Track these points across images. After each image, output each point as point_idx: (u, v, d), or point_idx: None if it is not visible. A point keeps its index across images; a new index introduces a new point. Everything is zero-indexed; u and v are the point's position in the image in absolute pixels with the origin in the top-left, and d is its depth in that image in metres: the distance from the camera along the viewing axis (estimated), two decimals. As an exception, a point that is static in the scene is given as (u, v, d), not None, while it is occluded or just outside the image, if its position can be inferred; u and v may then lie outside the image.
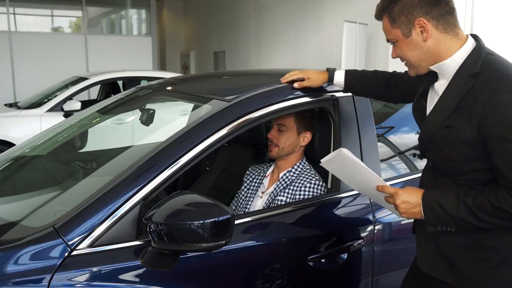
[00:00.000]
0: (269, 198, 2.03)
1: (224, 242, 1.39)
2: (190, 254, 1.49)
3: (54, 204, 1.79)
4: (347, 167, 1.54)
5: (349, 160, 1.49)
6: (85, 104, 6.25)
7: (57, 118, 5.64)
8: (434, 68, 1.42)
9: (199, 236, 1.36)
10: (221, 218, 1.37)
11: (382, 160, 2.07)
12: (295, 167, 2.07)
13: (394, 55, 1.46)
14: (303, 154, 2.11)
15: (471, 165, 1.37)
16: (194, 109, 2.32)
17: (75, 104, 6.17)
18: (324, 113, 2.00)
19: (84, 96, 7.95)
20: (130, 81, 6.73)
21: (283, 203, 1.95)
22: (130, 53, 11.62)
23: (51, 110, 6.09)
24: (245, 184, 2.20)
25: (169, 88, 2.53)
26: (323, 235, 1.79)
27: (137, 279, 1.44)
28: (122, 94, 2.65)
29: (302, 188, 1.97)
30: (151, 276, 1.46)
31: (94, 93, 8.13)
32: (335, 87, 1.89)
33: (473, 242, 1.40)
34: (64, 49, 10.98)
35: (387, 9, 1.40)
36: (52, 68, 10.30)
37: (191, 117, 2.20)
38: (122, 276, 1.42)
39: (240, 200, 2.17)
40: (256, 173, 2.21)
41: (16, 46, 10.53)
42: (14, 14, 10.89)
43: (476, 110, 1.29)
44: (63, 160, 2.49)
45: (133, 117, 3.17)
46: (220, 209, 1.40)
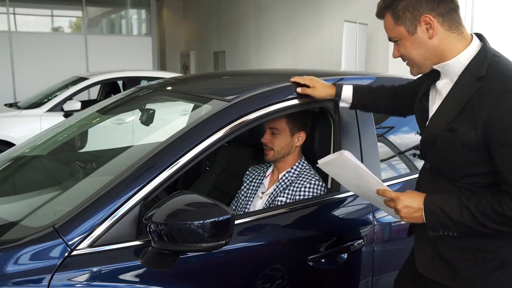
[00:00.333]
0: (268, 199, 2.03)
1: (224, 242, 1.39)
2: (190, 254, 1.49)
3: (54, 204, 1.79)
4: (347, 170, 1.52)
5: (350, 163, 1.46)
6: (85, 104, 6.24)
7: (57, 118, 5.64)
8: (438, 67, 1.39)
9: (199, 236, 1.36)
10: (221, 218, 1.37)
11: (382, 160, 2.06)
12: (294, 167, 2.07)
13: (396, 55, 1.43)
14: (301, 154, 2.11)
15: (473, 169, 1.35)
16: (194, 109, 2.32)
17: (75, 104, 6.17)
18: (324, 113, 2.00)
19: (84, 96, 7.95)
20: (130, 81, 6.73)
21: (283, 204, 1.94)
22: (130, 53, 11.62)
23: (51, 110, 6.09)
24: (245, 184, 2.20)
25: (169, 88, 2.53)
26: (323, 235, 1.79)
27: (137, 279, 1.44)
28: (122, 94, 2.65)
29: (302, 189, 1.97)
30: (151, 276, 1.46)
31: (94, 93, 8.13)
32: (341, 103, 1.86)
33: (473, 246, 1.39)
34: (64, 49, 10.98)
35: (390, 6, 1.37)
36: (52, 68, 10.30)
37: (191, 117, 2.20)
38: (122, 276, 1.42)
39: (240, 200, 2.17)
40: (256, 173, 2.21)
41: (16, 46, 10.53)
42: (14, 14, 10.89)
43: (482, 115, 1.27)
44: (63, 160, 2.49)
45: (133, 117, 3.17)
46: (220, 209, 1.40)
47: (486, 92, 1.28)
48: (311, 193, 1.95)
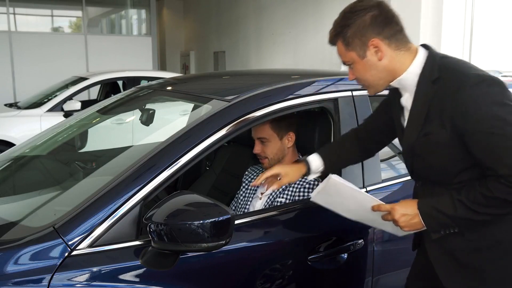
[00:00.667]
0: (268, 200, 2.02)
1: (224, 242, 1.39)
2: (190, 254, 1.49)
3: (54, 204, 1.79)
4: (339, 194, 1.53)
5: (340, 186, 1.49)
6: (85, 104, 6.24)
7: (57, 118, 5.64)
8: (394, 84, 1.46)
9: (199, 236, 1.36)
10: (221, 218, 1.37)
11: (382, 160, 2.06)
12: (293, 167, 2.06)
13: (351, 77, 1.50)
14: (296, 153, 2.10)
15: (457, 166, 1.39)
16: (194, 109, 2.32)
17: (75, 104, 6.17)
18: (324, 113, 2.00)
19: (84, 96, 7.94)
20: (130, 81, 6.72)
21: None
22: (130, 53, 11.61)
23: (51, 110, 6.09)
24: (244, 184, 2.20)
25: (169, 88, 2.53)
26: (323, 235, 1.79)
27: (137, 279, 1.44)
28: (122, 94, 2.65)
29: (301, 189, 1.97)
30: (151, 276, 1.46)
31: (94, 93, 8.12)
32: (312, 175, 1.74)
33: (486, 242, 1.41)
34: (64, 49, 10.98)
35: (340, 33, 1.43)
36: (52, 68, 10.30)
37: (191, 117, 2.20)
38: (122, 276, 1.42)
39: (239, 201, 2.17)
40: (255, 174, 2.21)
41: (16, 46, 10.53)
42: (14, 14, 10.90)
43: (446, 112, 1.33)
44: (63, 160, 2.49)
45: (133, 117, 3.18)
46: (220, 209, 1.40)
47: (444, 91, 1.35)
48: (310, 193, 1.95)
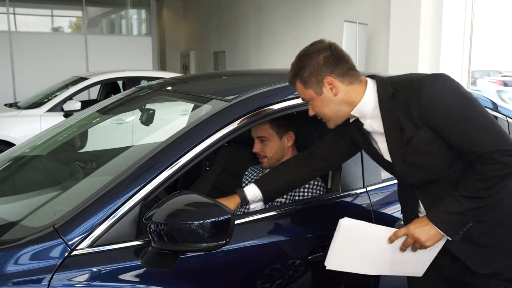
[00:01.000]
0: (268, 199, 2.02)
1: (224, 242, 1.39)
2: (190, 254, 1.49)
3: (54, 204, 1.79)
4: (354, 240, 1.53)
5: (354, 224, 1.51)
6: (85, 104, 6.24)
7: (57, 118, 5.64)
8: (354, 113, 1.55)
9: (199, 236, 1.36)
10: (221, 218, 1.37)
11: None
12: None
13: (311, 113, 1.59)
14: (296, 153, 2.10)
15: (449, 156, 1.45)
16: (194, 109, 2.32)
17: (75, 104, 6.17)
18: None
19: (84, 96, 7.94)
20: (130, 81, 6.72)
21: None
22: (130, 53, 11.61)
23: (51, 110, 6.09)
24: (244, 185, 2.20)
25: (169, 88, 2.53)
26: (323, 235, 1.79)
27: (137, 279, 1.44)
28: (122, 94, 2.65)
29: (301, 189, 1.97)
30: (151, 276, 1.46)
31: (94, 93, 8.12)
32: (252, 204, 1.78)
33: (498, 218, 1.49)
34: (64, 49, 10.97)
35: (298, 74, 1.53)
36: (52, 68, 10.29)
37: (191, 117, 2.20)
38: (122, 276, 1.42)
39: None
40: (255, 174, 2.21)
41: (16, 46, 10.52)
42: (14, 14, 10.89)
43: (415, 117, 1.43)
44: (63, 160, 2.49)
45: (133, 117, 3.17)
46: (220, 209, 1.40)
47: (405, 99, 1.45)
48: (310, 193, 1.95)
